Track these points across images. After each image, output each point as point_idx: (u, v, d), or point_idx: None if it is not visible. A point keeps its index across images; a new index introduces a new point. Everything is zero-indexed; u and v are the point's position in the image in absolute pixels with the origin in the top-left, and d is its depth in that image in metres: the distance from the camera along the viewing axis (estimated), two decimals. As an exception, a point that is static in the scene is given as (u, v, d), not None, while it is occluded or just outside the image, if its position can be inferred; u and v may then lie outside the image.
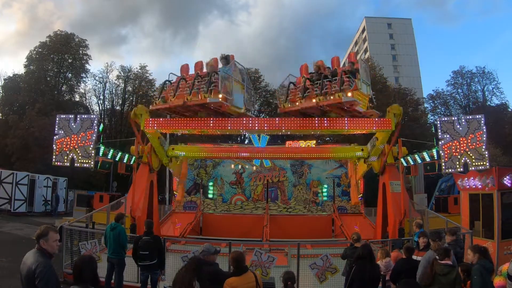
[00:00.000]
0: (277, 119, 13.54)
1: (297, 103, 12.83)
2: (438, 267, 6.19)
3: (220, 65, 12.54)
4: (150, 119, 13.65)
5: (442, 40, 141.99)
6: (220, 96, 11.76)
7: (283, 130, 13.61)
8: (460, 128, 13.84)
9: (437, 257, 6.37)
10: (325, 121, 12.70)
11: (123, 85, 49.12)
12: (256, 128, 13.40)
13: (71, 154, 14.35)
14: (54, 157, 14.61)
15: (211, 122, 12.99)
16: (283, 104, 13.38)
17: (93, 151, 14.30)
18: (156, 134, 14.80)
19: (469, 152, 13.54)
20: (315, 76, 12.88)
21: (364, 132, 13.75)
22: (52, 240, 4.49)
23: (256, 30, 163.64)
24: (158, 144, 15.41)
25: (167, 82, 13.21)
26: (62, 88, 48.08)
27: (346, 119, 12.73)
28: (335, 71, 12.86)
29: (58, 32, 46.97)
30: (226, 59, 12.70)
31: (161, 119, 14.34)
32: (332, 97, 11.78)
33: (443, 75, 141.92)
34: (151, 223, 9.49)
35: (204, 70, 12.89)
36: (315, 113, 13.04)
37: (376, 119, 13.17)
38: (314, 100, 12.16)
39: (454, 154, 13.67)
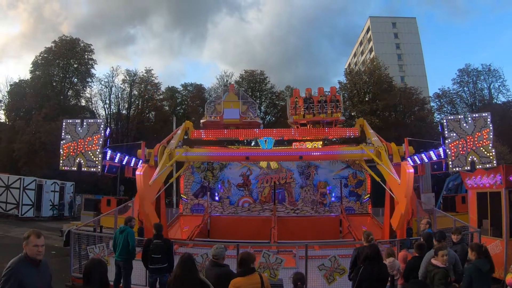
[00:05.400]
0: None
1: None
2: (428, 265, 6.26)
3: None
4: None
5: (450, 37, 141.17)
6: None
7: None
8: (467, 127, 13.70)
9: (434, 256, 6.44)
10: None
11: (129, 89, 49.39)
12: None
13: (78, 159, 14.39)
14: (61, 161, 14.62)
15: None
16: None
17: (100, 155, 14.33)
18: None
19: (476, 151, 13.42)
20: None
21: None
22: (31, 244, 4.32)
23: (265, 29, 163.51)
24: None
25: None
26: (68, 93, 48.43)
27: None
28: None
29: (63, 37, 47.38)
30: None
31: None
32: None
33: (450, 73, 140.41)
34: (161, 226, 9.55)
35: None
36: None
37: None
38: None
39: (461, 152, 13.54)
